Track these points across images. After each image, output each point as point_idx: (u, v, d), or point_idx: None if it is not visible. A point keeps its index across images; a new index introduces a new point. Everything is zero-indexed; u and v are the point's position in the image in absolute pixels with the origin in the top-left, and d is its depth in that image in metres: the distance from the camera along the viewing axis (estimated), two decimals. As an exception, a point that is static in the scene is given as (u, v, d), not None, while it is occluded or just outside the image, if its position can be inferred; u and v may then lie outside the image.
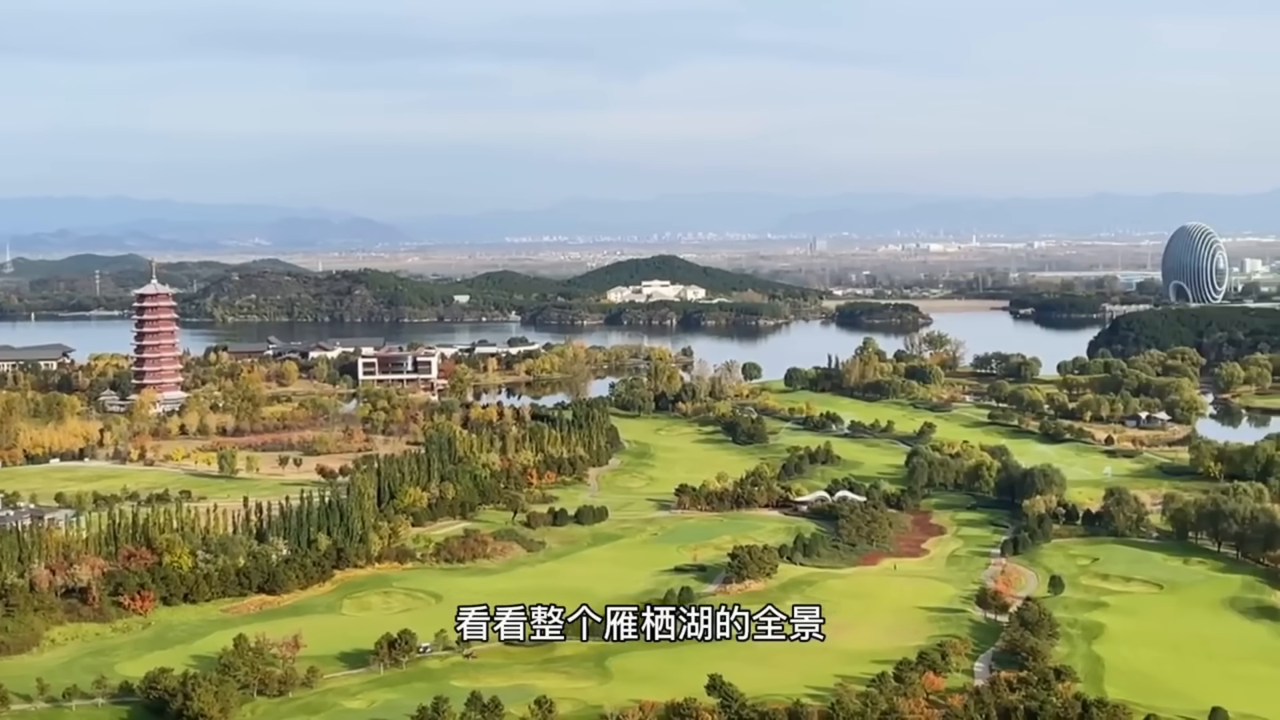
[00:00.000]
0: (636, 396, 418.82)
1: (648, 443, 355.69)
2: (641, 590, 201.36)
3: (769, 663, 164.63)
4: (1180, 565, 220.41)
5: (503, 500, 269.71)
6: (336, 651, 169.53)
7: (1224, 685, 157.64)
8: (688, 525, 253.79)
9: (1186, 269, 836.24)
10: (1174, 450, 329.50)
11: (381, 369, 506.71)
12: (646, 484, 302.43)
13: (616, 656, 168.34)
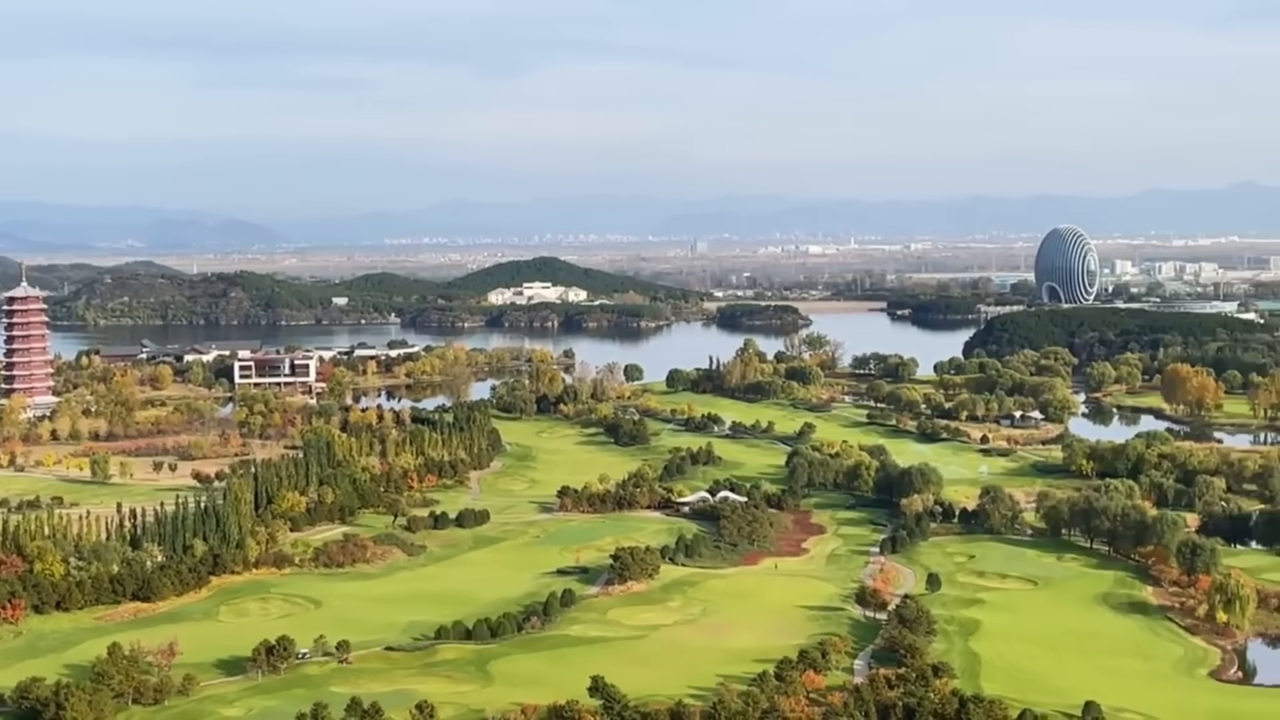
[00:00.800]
0: (518, 399, 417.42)
1: (529, 445, 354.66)
2: (524, 593, 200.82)
3: (651, 663, 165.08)
4: (1054, 562, 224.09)
5: (383, 504, 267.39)
6: (213, 659, 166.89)
7: (1097, 679, 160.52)
8: (570, 527, 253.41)
9: (1059, 270, 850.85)
10: (1048, 449, 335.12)
11: (258, 372, 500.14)
12: (528, 486, 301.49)
13: (498, 660, 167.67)
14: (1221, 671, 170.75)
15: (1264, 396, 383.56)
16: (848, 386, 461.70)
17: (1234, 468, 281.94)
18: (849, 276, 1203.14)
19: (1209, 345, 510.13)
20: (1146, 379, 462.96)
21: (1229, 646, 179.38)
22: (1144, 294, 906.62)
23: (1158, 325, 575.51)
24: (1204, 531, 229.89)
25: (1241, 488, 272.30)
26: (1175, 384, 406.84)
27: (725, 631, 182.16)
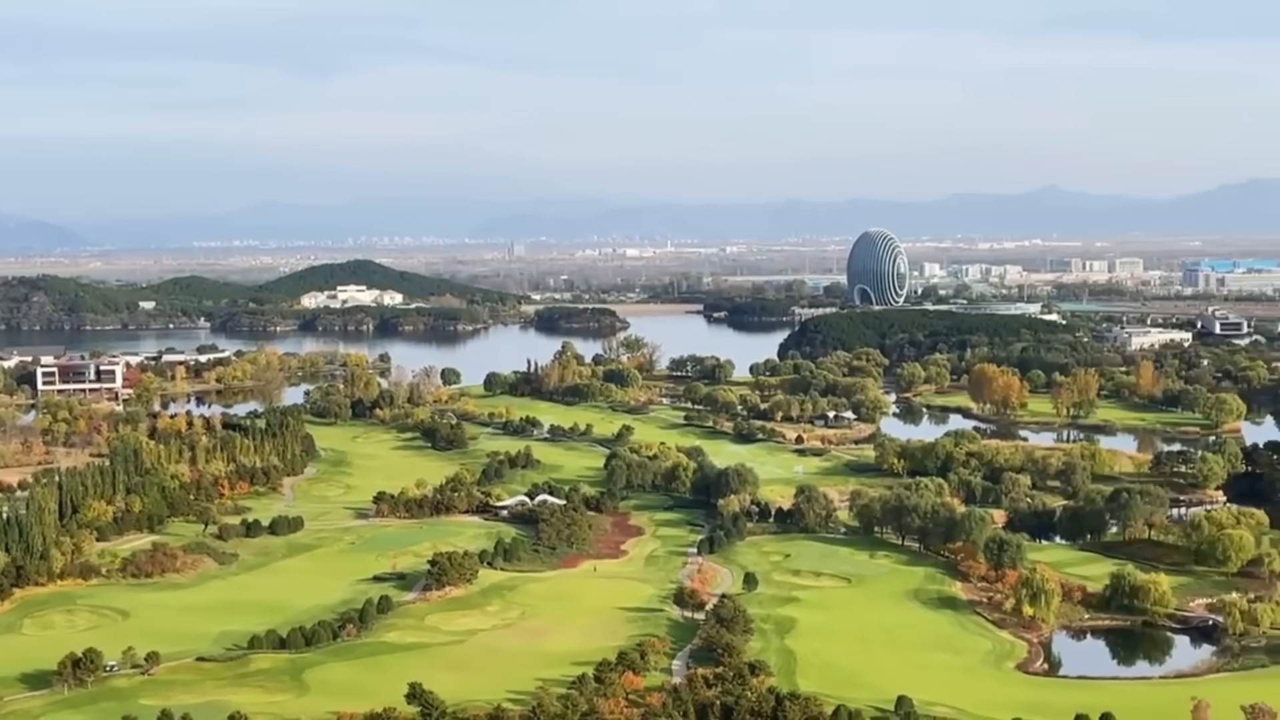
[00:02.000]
0: (332, 404, 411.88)
1: (345, 450, 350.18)
2: (339, 600, 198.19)
3: (469, 669, 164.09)
4: (867, 559, 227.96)
5: (193, 512, 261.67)
6: (17, 673, 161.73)
7: (909, 674, 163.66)
8: (387, 533, 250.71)
9: (870, 273, 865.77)
10: (860, 448, 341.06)
11: (62, 378, 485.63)
12: (344, 492, 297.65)
13: (313, 669, 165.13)
14: (1028, 664, 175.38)
15: (1066, 395, 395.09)
16: (665, 389, 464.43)
17: (1038, 465, 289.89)
18: (666, 279, 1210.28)
19: (1014, 346, 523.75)
20: (955, 379, 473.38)
21: (1035, 639, 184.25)
22: (952, 296, 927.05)
23: (965, 326, 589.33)
24: (1010, 527, 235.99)
25: (1046, 484, 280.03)
26: (982, 384, 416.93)
27: (544, 635, 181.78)
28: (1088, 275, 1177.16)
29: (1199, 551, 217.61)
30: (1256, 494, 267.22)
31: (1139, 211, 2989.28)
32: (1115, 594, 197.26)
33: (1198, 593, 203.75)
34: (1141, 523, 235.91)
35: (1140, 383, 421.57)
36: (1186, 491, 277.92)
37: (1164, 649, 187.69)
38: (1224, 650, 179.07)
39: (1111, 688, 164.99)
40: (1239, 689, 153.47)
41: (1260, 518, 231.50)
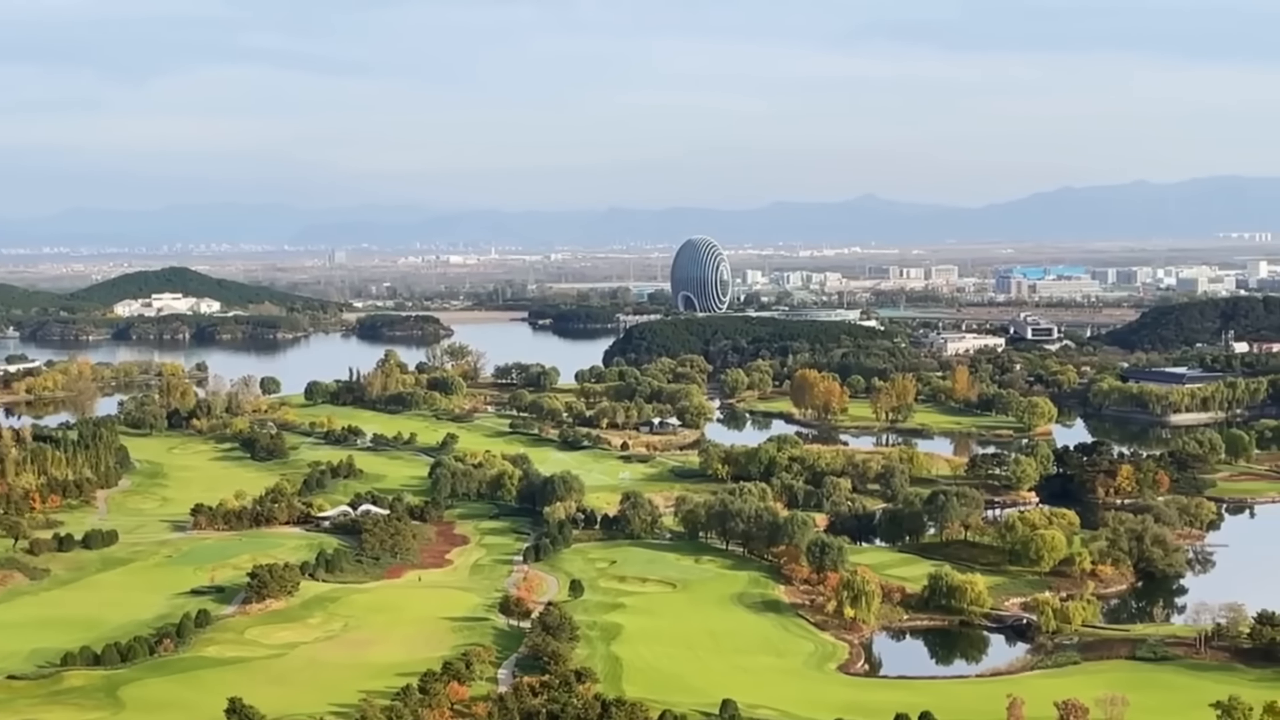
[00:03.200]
0: (148, 414, 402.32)
1: (161, 462, 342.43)
2: (156, 615, 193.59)
3: (291, 682, 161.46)
4: (692, 564, 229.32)
5: (2, 527, 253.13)
6: None
7: (733, 677, 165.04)
8: (205, 545, 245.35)
9: (694, 280, 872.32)
10: (685, 454, 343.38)
11: None
12: (160, 505, 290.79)
13: (129, 685, 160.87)
14: (849, 665, 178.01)
15: (885, 400, 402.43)
16: (490, 396, 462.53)
17: (859, 469, 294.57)
18: (491, 286, 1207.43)
19: (835, 352, 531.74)
20: (777, 385, 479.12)
21: (856, 641, 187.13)
22: (774, 303, 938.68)
23: (787, 333, 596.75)
24: (832, 530, 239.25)
25: (866, 487, 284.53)
26: (804, 389, 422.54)
27: (368, 646, 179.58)
28: (905, 282, 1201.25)
29: (1013, 551, 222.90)
30: (1067, 495, 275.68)
31: (953, 219, 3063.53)
32: (933, 594, 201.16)
33: (1012, 592, 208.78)
34: (958, 524, 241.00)
35: (956, 387, 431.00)
36: (1001, 493, 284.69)
37: (980, 648, 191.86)
38: (1038, 648, 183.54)
39: (930, 687, 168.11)
40: (1052, 685, 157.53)
41: (1071, 518, 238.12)
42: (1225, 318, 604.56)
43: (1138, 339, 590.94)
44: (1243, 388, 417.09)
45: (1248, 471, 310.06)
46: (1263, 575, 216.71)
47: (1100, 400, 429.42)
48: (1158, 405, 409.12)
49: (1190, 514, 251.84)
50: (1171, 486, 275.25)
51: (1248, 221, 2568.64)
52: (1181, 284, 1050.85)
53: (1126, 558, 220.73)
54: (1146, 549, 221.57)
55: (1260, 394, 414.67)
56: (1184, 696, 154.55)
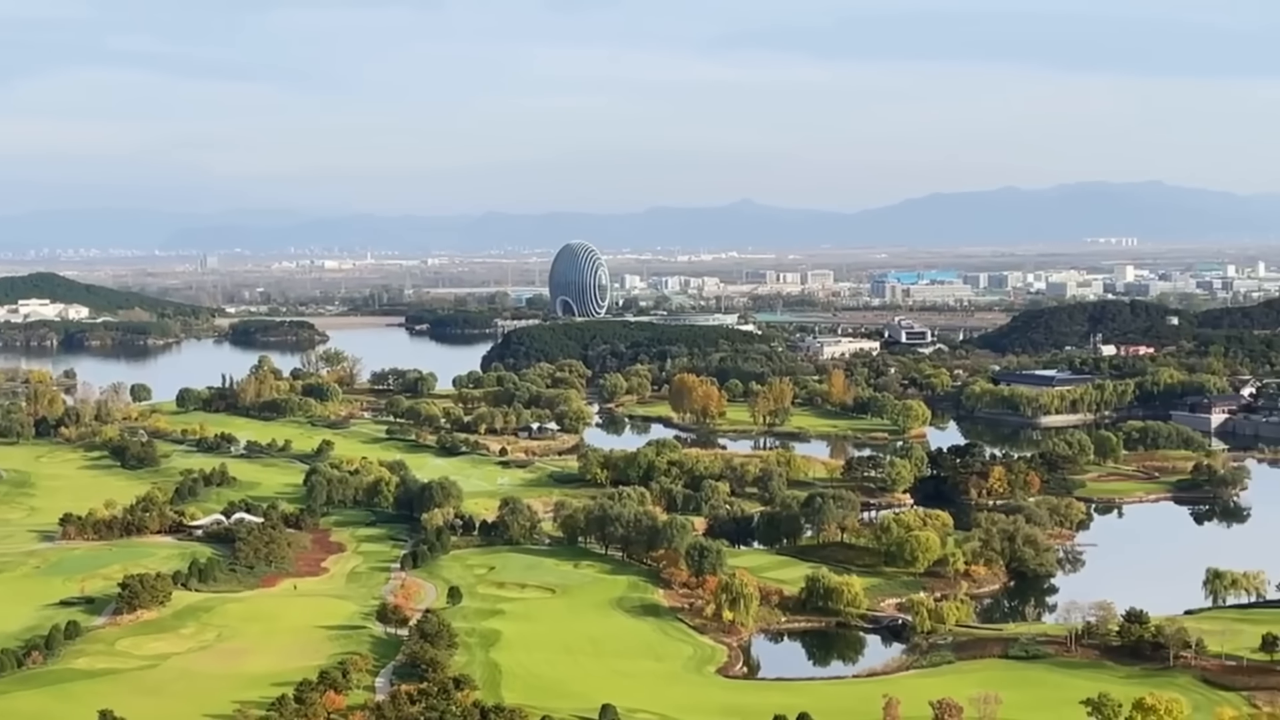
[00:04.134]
0: (14, 422, 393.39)
1: (28, 471, 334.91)
2: (23, 627, 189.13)
3: (163, 694, 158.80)
4: (571, 569, 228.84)
5: None
6: None
7: (613, 682, 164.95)
8: (74, 556, 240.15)
9: (572, 285, 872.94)
10: (564, 459, 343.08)
11: None
12: (27, 515, 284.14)
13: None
14: (728, 668, 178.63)
15: (762, 404, 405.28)
16: (367, 402, 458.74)
17: (737, 472, 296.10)
18: (367, 291, 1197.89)
19: (713, 356, 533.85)
20: (656, 389, 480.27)
21: (735, 643, 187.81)
22: (652, 307, 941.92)
23: (665, 337, 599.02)
24: (711, 534, 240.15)
25: (744, 491, 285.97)
26: (682, 393, 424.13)
27: (242, 656, 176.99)
28: (782, 287, 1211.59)
29: (889, 553, 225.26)
30: (941, 496, 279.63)
31: (829, 224, 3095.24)
32: (811, 596, 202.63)
33: (888, 593, 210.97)
34: (835, 526, 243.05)
35: (832, 391, 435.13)
36: (877, 495, 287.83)
37: (857, 648, 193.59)
38: (913, 648, 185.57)
39: (808, 688, 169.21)
40: (927, 685, 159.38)
41: (945, 519, 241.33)
42: (1093, 321, 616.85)
43: (1009, 342, 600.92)
44: (1110, 390, 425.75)
45: (1116, 472, 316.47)
46: (1131, 574, 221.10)
47: (973, 403, 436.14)
48: (1028, 407, 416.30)
49: (1060, 514, 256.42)
50: (1042, 487, 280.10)
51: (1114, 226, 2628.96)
52: (1051, 288, 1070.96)
53: (999, 558, 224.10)
54: (1018, 549, 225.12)
55: (1127, 396, 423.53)
56: (1055, 694, 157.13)
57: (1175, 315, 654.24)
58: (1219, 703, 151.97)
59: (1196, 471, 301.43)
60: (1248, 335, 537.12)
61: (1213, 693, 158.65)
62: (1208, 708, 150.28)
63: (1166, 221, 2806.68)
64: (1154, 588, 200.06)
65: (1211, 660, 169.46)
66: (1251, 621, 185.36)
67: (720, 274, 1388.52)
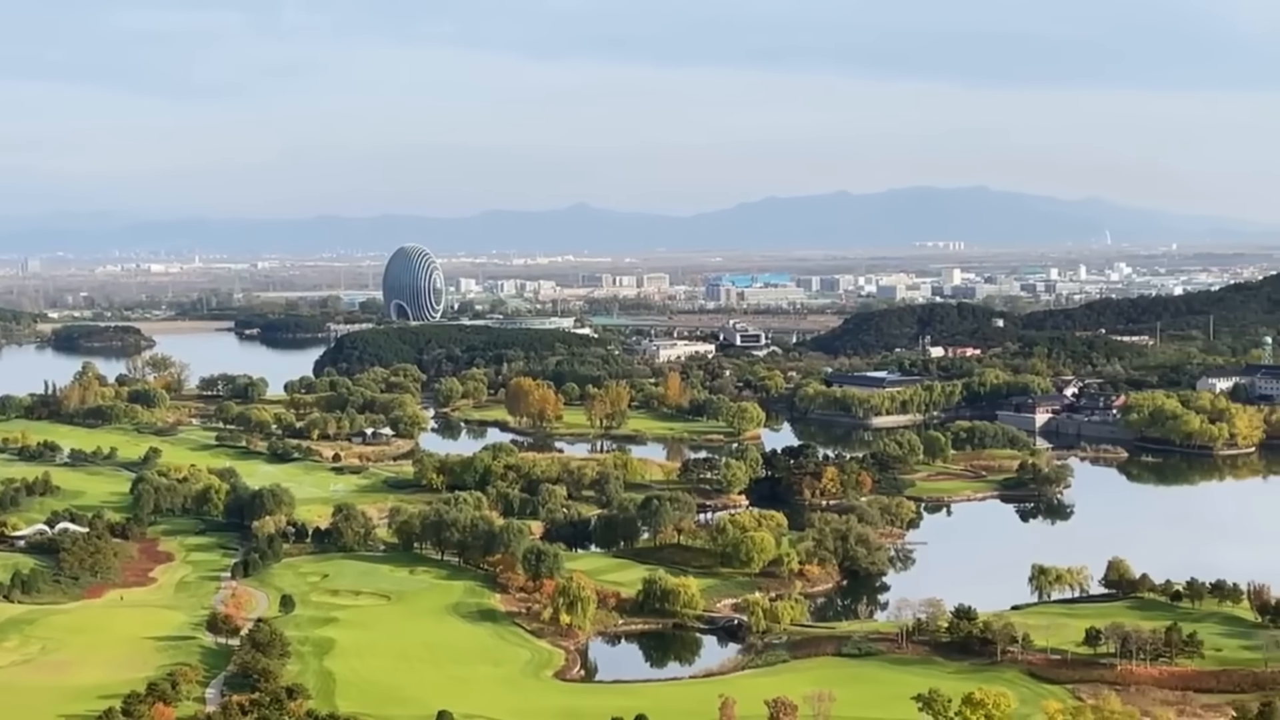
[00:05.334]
0: None
1: None
2: None
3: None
4: (407, 575, 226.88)
5: None
6: None
7: (450, 688, 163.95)
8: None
9: (406, 288, 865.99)
10: (399, 464, 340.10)
11: None
12: None
13: None
14: (565, 671, 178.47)
15: (599, 407, 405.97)
16: (196, 409, 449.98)
17: (574, 476, 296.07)
18: (195, 295, 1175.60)
19: (549, 360, 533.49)
20: (492, 393, 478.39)
21: (572, 647, 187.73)
22: (488, 311, 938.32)
23: (501, 341, 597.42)
24: (548, 538, 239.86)
25: (581, 494, 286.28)
26: (519, 397, 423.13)
27: (68, 669, 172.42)
28: (618, 290, 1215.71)
29: (724, 554, 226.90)
30: (776, 497, 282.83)
31: (664, 228, 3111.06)
32: (648, 598, 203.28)
33: (724, 594, 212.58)
34: (671, 528, 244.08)
35: (668, 393, 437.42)
36: (712, 497, 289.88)
37: (694, 649, 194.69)
38: (749, 648, 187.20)
39: (645, 690, 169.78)
40: (763, 684, 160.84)
41: (780, 519, 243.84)
42: (922, 323, 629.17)
43: (841, 344, 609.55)
44: (939, 390, 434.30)
45: (944, 471, 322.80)
46: (960, 571, 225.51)
47: (806, 404, 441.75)
48: (860, 408, 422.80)
49: (891, 513, 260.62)
50: (874, 487, 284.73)
51: (942, 231, 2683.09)
52: (881, 291, 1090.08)
53: (832, 557, 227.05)
54: (851, 548, 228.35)
55: (955, 396, 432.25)
56: (887, 690, 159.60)
57: (1001, 317, 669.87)
58: (1045, 696, 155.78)
59: (1022, 470, 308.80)
60: (1070, 337, 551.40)
61: (1039, 686, 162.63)
62: (1034, 701, 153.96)
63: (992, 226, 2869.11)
64: (982, 584, 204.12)
65: (1037, 654, 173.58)
66: (1075, 616, 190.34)
67: (556, 277, 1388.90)
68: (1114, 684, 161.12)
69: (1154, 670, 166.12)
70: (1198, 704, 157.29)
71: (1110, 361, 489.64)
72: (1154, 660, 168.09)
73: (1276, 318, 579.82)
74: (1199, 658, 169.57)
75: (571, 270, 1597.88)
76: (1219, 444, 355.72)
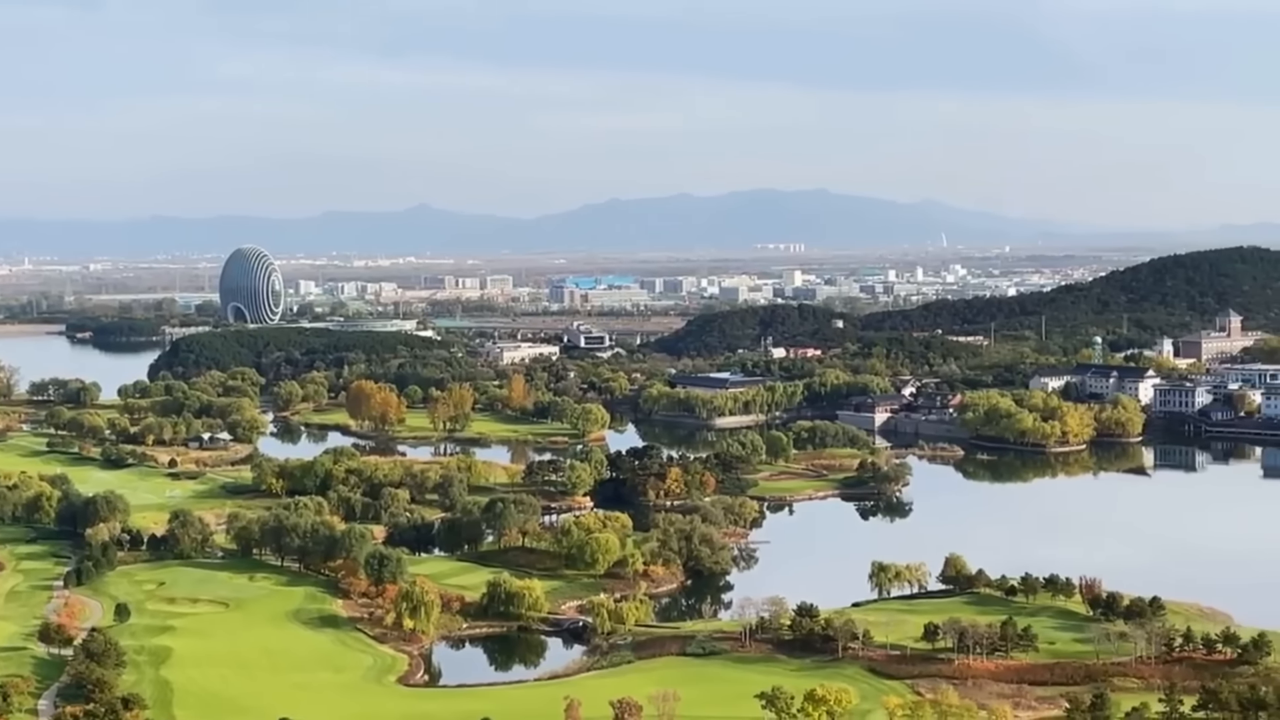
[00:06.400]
0: None
1: None
2: None
3: None
4: (246, 582, 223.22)
5: None
6: None
7: (291, 695, 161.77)
8: None
9: (244, 291, 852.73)
10: (237, 469, 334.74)
11: None
12: None
13: None
14: (409, 676, 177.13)
15: (442, 410, 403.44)
16: (26, 414, 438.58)
17: (417, 479, 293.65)
18: (24, 298, 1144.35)
19: (391, 362, 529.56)
20: (333, 396, 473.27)
21: (416, 652, 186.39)
22: (329, 313, 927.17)
23: (342, 344, 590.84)
24: (391, 542, 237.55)
25: (424, 498, 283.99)
26: (360, 401, 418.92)
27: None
28: (461, 292, 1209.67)
29: (569, 555, 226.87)
30: (621, 498, 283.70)
31: (508, 230, 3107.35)
32: (492, 602, 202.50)
33: (569, 595, 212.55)
34: (516, 531, 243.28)
35: (512, 396, 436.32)
36: (557, 499, 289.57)
37: (539, 652, 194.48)
38: (594, 649, 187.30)
39: (489, 693, 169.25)
40: (607, 685, 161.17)
41: (624, 521, 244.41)
42: (764, 325, 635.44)
43: (684, 346, 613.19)
44: (781, 391, 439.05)
45: (786, 471, 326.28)
46: (802, 569, 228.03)
47: (650, 406, 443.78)
48: (704, 409, 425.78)
49: (735, 513, 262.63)
50: (717, 487, 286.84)
51: (783, 233, 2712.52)
52: (724, 293, 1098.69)
53: (676, 557, 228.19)
54: (695, 548, 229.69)
55: (797, 397, 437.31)
56: (731, 689, 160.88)
57: (841, 318, 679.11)
58: (885, 691, 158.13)
59: (862, 469, 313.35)
60: (908, 337, 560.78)
61: (879, 682, 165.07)
62: (874, 697, 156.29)
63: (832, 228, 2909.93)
64: (824, 582, 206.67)
65: (878, 650, 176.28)
66: (914, 612, 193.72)
67: (398, 279, 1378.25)
68: (952, 678, 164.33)
69: (990, 664, 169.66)
70: (1032, 696, 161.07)
71: (947, 361, 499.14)
72: (990, 654, 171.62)
73: (1105, 318, 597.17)
74: (1033, 651, 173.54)
75: (414, 272, 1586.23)
76: (1051, 442, 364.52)
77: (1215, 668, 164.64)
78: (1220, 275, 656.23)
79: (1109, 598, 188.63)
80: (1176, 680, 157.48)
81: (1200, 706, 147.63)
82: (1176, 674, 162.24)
